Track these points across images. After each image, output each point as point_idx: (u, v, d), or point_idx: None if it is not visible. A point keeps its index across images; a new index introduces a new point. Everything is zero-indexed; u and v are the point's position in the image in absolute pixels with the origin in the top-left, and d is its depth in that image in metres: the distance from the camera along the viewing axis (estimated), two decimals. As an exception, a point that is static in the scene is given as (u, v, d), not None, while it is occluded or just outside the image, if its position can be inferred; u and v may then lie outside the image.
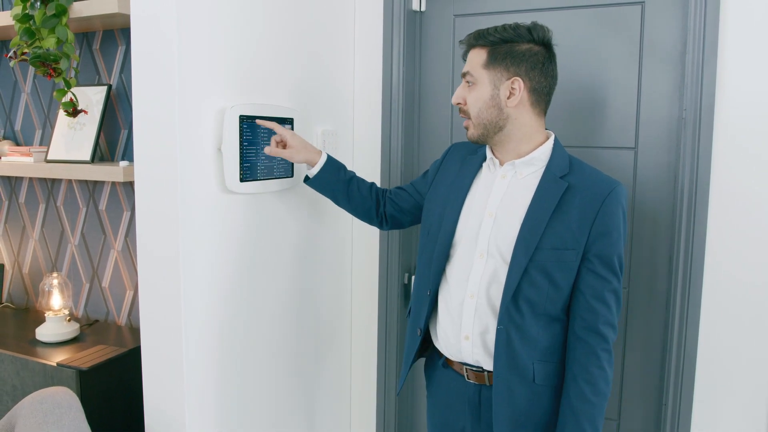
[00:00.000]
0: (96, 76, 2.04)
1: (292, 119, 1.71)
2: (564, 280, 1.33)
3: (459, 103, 1.41)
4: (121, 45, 1.98)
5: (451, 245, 1.43)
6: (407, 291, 2.09)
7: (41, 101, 2.18)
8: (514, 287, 1.32)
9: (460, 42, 1.44)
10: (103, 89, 1.96)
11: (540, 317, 1.34)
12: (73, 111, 1.88)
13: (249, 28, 1.59)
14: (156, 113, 1.42)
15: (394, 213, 1.66)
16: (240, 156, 1.55)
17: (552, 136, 1.41)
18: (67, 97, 1.86)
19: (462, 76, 1.41)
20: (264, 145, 1.61)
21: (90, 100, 1.96)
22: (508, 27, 1.35)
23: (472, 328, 1.38)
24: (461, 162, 1.51)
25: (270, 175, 1.66)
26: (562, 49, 1.76)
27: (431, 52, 2.01)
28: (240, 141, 1.54)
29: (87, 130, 1.94)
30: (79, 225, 2.16)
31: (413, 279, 1.72)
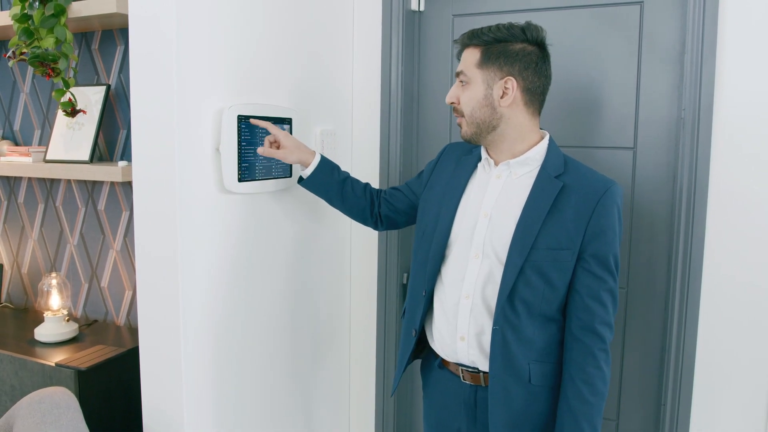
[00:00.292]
0: (95, 76, 2.04)
1: (290, 119, 1.71)
2: (560, 280, 1.32)
3: (453, 103, 1.41)
4: (120, 45, 1.98)
5: (447, 245, 1.43)
6: (406, 291, 2.09)
7: (40, 101, 2.18)
8: (509, 287, 1.31)
9: (454, 41, 1.44)
10: (102, 89, 1.96)
11: (536, 317, 1.34)
12: (72, 111, 1.88)
13: (248, 28, 1.59)
14: (154, 113, 1.42)
15: (389, 213, 1.66)
16: (238, 156, 1.55)
17: (547, 135, 1.41)
18: (66, 97, 1.85)
19: (456, 75, 1.41)
20: (262, 145, 1.61)
21: (89, 100, 1.96)
22: (501, 27, 1.35)
23: (467, 328, 1.38)
24: (456, 162, 1.50)
25: (268, 175, 1.66)
26: (560, 49, 1.77)
27: (430, 51, 2.01)
28: (238, 141, 1.54)
29: (86, 130, 1.94)
30: (78, 225, 2.16)
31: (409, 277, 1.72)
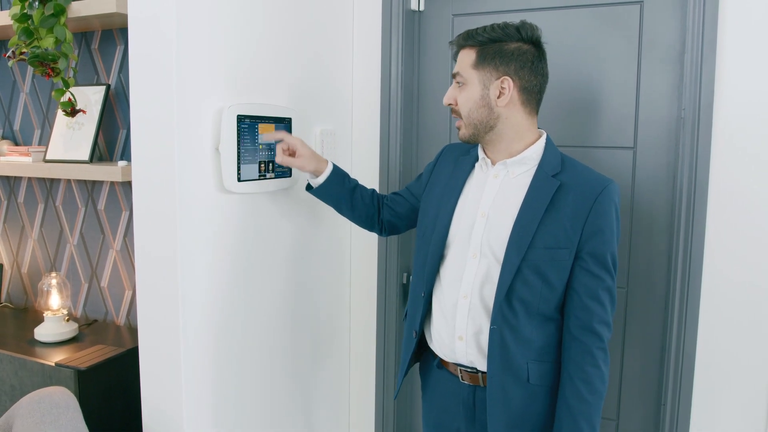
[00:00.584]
0: (94, 75, 2.04)
1: (290, 119, 1.71)
2: (557, 279, 1.32)
3: (450, 104, 1.41)
4: (120, 45, 1.98)
5: (445, 246, 1.43)
6: (406, 291, 2.09)
7: (40, 101, 2.18)
8: (507, 287, 1.31)
9: (450, 42, 1.44)
10: (102, 89, 1.96)
11: (534, 317, 1.34)
12: (72, 111, 1.88)
13: (248, 28, 1.59)
14: (154, 113, 1.42)
15: (390, 219, 1.67)
16: (238, 156, 1.55)
17: (544, 134, 1.41)
18: (66, 97, 1.85)
19: (452, 76, 1.41)
20: (262, 145, 1.61)
21: (88, 99, 1.96)
22: (496, 26, 1.35)
23: (465, 328, 1.38)
24: (454, 163, 1.51)
25: (268, 175, 1.66)
26: (560, 49, 1.77)
27: (430, 51, 2.01)
28: (238, 141, 1.54)
29: (85, 129, 1.94)
30: (78, 225, 2.16)
31: (411, 279, 1.72)
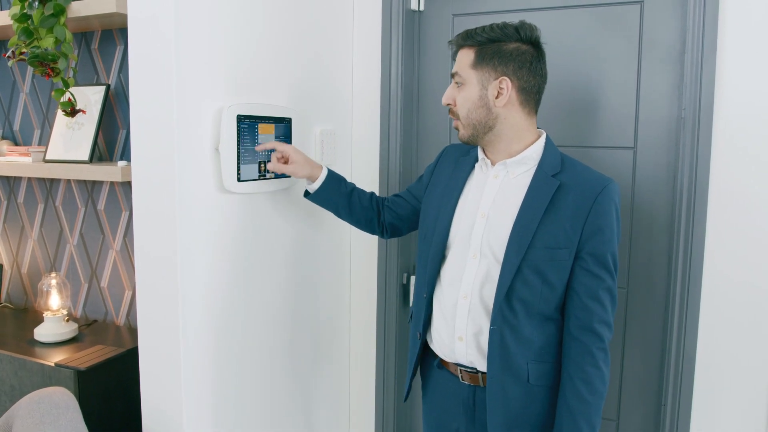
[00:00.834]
0: (94, 75, 2.04)
1: (290, 119, 1.71)
2: (557, 279, 1.32)
3: (449, 104, 1.41)
4: (120, 45, 1.98)
5: (446, 247, 1.43)
6: (406, 291, 2.09)
7: (40, 101, 2.18)
8: (506, 287, 1.31)
9: (449, 42, 1.44)
10: (102, 89, 1.96)
11: (534, 317, 1.34)
12: (72, 111, 1.88)
13: (247, 27, 1.59)
14: (154, 113, 1.42)
15: (392, 221, 1.66)
16: (237, 156, 1.54)
17: (543, 134, 1.40)
18: (66, 97, 1.85)
19: (451, 76, 1.41)
20: (261, 145, 1.61)
21: (88, 99, 1.96)
22: (495, 26, 1.35)
23: (465, 328, 1.38)
24: (454, 163, 1.51)
25: (268, 175, 1.65)
26: (561, 49, 1.77)
27: (430, 51, 2.01)
28: (238, 141, 1.54)
29: (85, 129, 1.94)
30: (78, 225, 2.15)
31: (413, 281, 1.71)
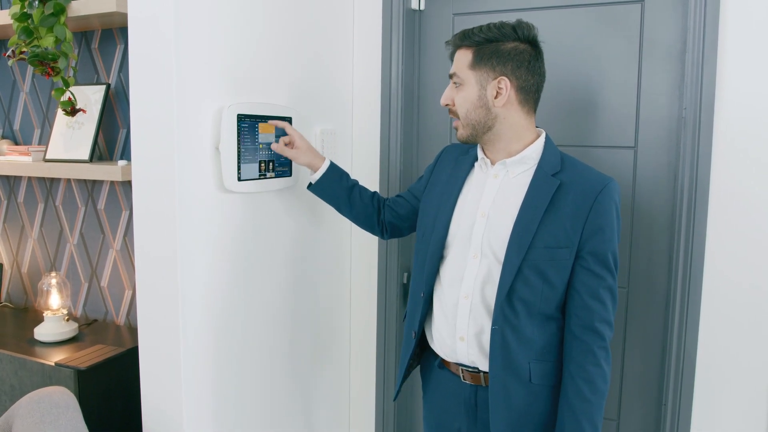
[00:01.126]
0: (94, 75, 2.04)
1: (290, 118, 1.71)
2: (558, 278, 1.32)
3: (447, 104, 1.41)
4: (120, 44, 1.98)
5: (445, 246, 1.43)
6: (406, 290, 2.09)
7: (40, 100, 2.18)
8: (507, 287, 1.31)
9: (446, 42, 1.43)
10: (102, 88, 1.96)
11: (535, 316, 1.34)
12: (72, 110, 1.88)
13: (248, 27, 1.58)
14: (154, 113, 1.42)
15: (392, 221, 1.66)
16: (238, 155, 1.54)
17: (543, 133, 1.40)
18: (66, 96, 1.85)
19: (449, 77, 1.40)
20: (262, 144, 1.61)
21: (88, 99, 1.96)
22: (492, 26, 1.34)
23: (467, 328, 1.38)
24: (454, 163, 1.50)
25: (268, 175, 1.65)
26: (561, 48, 1.76)
27: (430, 50, 2.01)
28: (238, 140, 1.54)
29: (85, 129, 1.94)
30: (78, 224, 2.15)
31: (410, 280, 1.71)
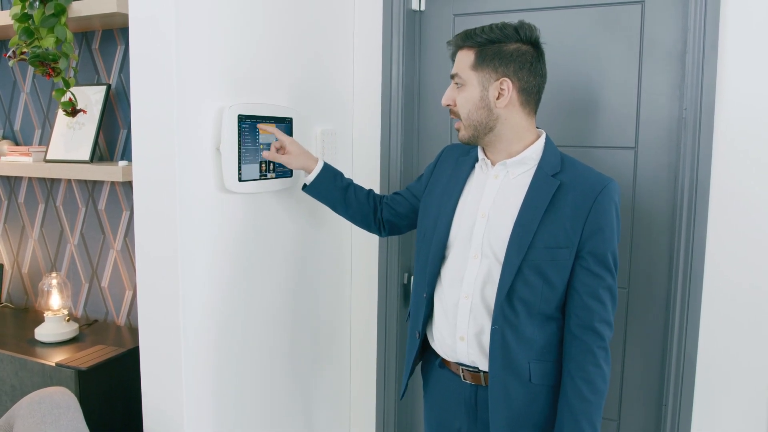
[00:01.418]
0: (95, 75, 2.04)
1: (291, 119, 1.71)
2: (558, 278, 1.32)
3: (449, 105, 1.41)
4: (120, 44, 1.98)
5: (446, 246, 1.43)
6: (407, 290, 2.09)
7: (40, 101, 2.18)
8: (507, 287, 1.31)
9: (447, 43, 1.43)
10: (102, 89, 1.96)
11: (535, 316, 1.34)
12: (72, 110, 1.88)
13: (248, 28, 1.59)
14: (154, 113, 1.42)
15: (390, 218, 1.66)
16: (238, 155, 1.54)
17: (543, 134, 1.40)
18: (66, 97, 1.85)
19: (451, 77, 1.40)
20: (263, 144, 1.61)
21: (89, 99, 1.96)
22: (494, 27, 1.34)
23: (467, 328, 1.38)
24: (454, 163, 1.51)
25: (269, 175, 1.65)
26: (562, 49, 1.76)
27: (431, 51, 2.01)
28: (239, 141, 1.54)
29: (86, 129, 1.94)
30: (79, 225, 2.15)
31: (412, 280, 1.72)
